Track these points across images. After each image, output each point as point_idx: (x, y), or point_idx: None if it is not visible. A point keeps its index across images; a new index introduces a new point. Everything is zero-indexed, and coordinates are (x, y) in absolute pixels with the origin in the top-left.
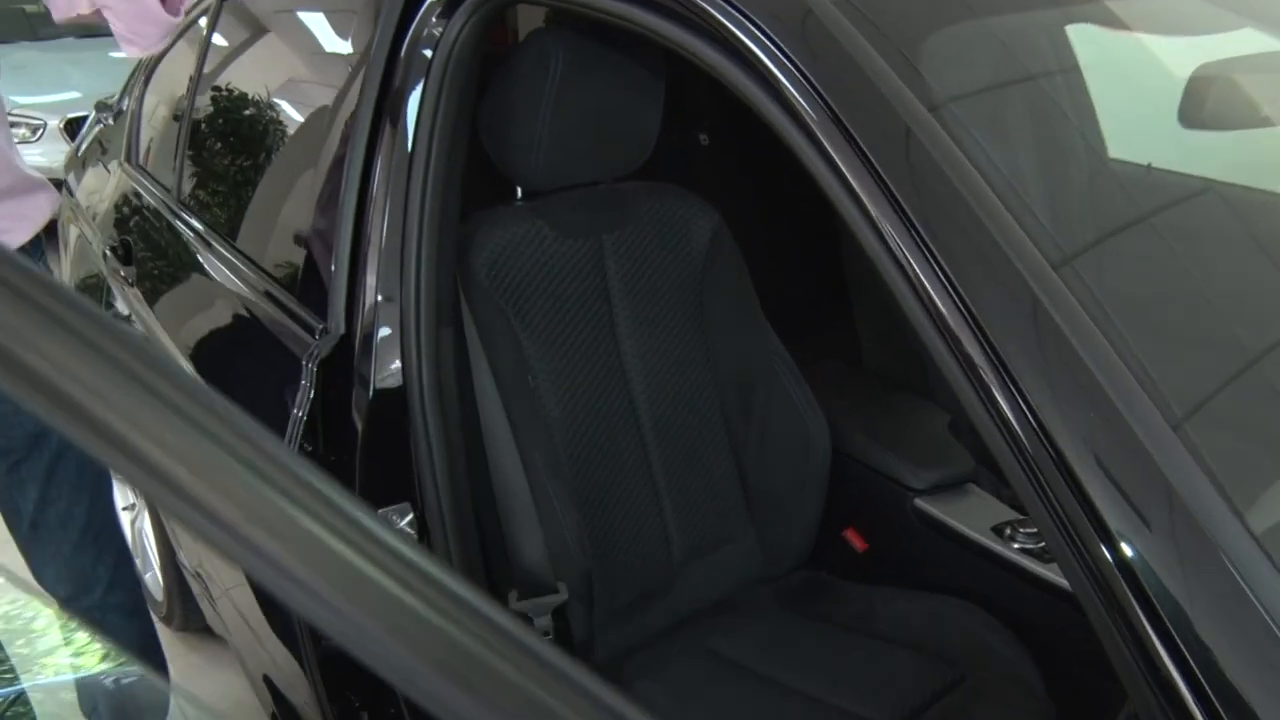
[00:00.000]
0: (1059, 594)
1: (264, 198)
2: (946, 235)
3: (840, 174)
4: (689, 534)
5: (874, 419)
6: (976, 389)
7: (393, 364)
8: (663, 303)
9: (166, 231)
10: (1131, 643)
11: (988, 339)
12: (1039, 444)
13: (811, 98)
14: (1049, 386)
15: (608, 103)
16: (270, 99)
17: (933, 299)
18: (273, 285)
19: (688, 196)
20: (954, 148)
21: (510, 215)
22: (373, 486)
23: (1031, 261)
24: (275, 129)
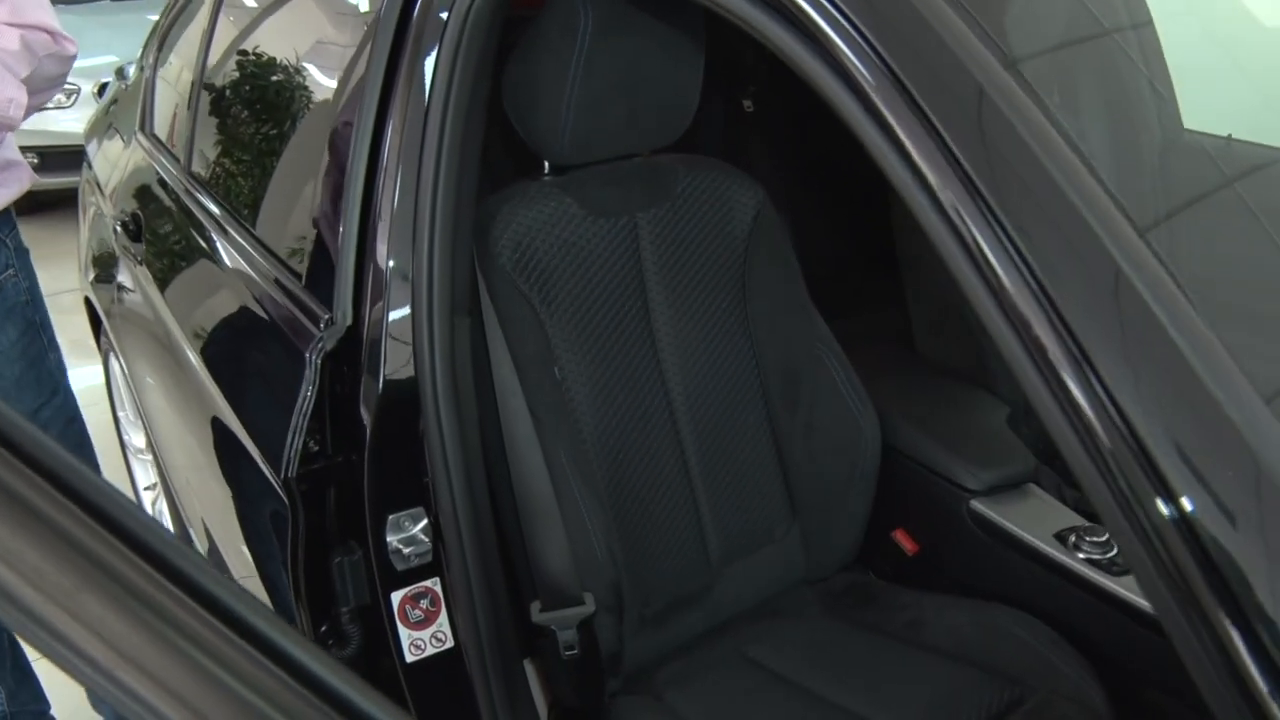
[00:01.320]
0: (1128, 610)
1: (270, 175)
2: (1023, 211)
3: (896, 140)
4: (727, 534)
5: (927, 411)
6: (1047, 378)
7: (404, 356)
8: (702, 286)
9: (175, 208)
10: (1221, 664)
11: (1064, 322)
12: (1119, 439)
13: (865, 55)
14: (1132, 374)
15: (643, 68)
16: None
17: (999, 278)
18: (279, 269)
19: (730, 170)
20: (1034, 110)
21: (536, 192)
22: (382, 490)
23: (1121, 237)
24: (288, 99)
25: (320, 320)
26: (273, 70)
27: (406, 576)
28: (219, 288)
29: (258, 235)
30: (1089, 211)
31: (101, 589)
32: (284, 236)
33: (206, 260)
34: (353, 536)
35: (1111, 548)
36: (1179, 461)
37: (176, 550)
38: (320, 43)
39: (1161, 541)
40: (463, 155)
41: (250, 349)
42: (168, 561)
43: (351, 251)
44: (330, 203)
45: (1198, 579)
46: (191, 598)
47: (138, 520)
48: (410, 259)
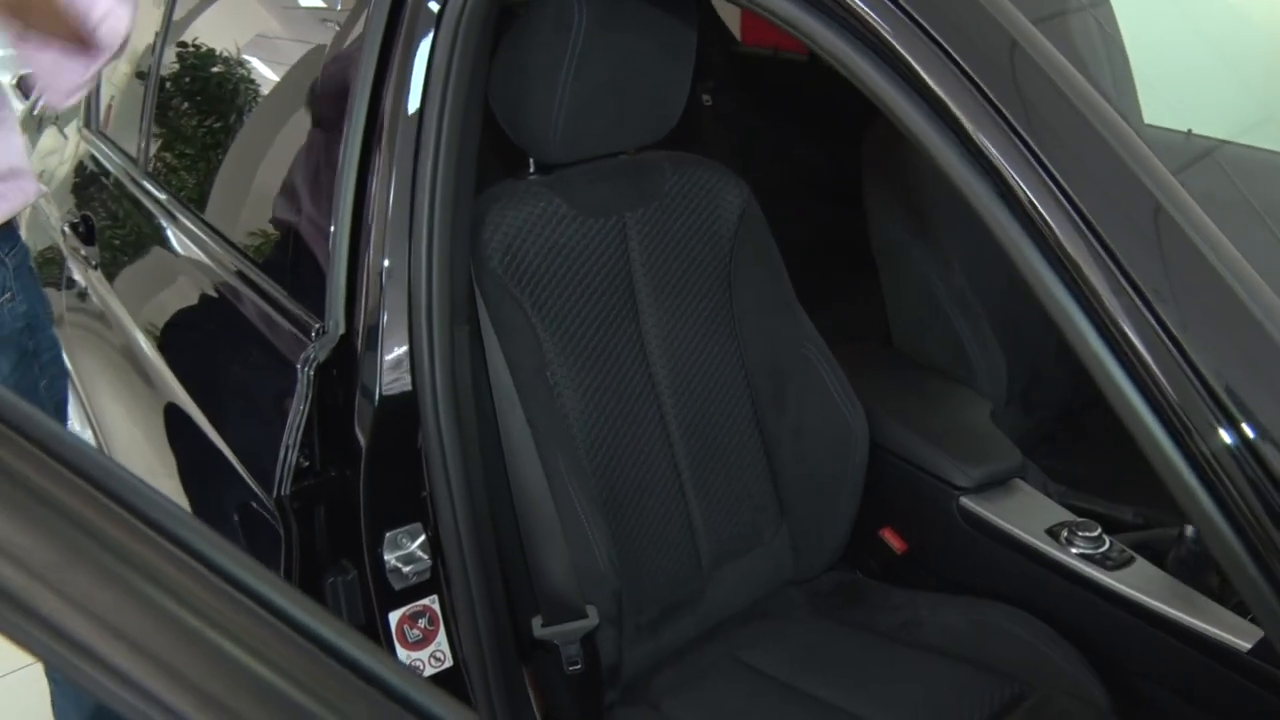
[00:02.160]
0: (1123, 604)
1: (245, 176)
2: (1067, 156)
3: (933, 96)
4: (718, 538)
5: (912, 409)
6: (1101, 320)
7: (402, 367)
8: (689, 286)
9: (134, 210)
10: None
11: (1115, 260)
12: (1178, 373)
13: (898, 19)
14: (1181, 306)
15: (636, 63)
16: (243, 56)
17: (1049, 225)
18: (261, 276)
19: (715, 167)
20: (1065, 62)
21: (524, 191)
22: (379, 506)
23: (1157, 175)
24: (264, 95)
25: (310, 330)
26: (244, 65)
27: (404, 595)
28: (192, 294)
29: (233, 240)
30: (1125, 151)
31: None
32: (265, 242)
33: (175, 266)
34: (346, 555)
35: (1104, 543)
36: (1235, 392)
37: (181, 521)
38: (297, 36)
39: (1222, 472)
40: (461, 153)
41: (232, 360)
42: (167, 529)
43: (343, 257)
44: (316, 206)
45: (1258, 506)
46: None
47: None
48: (407, 264)
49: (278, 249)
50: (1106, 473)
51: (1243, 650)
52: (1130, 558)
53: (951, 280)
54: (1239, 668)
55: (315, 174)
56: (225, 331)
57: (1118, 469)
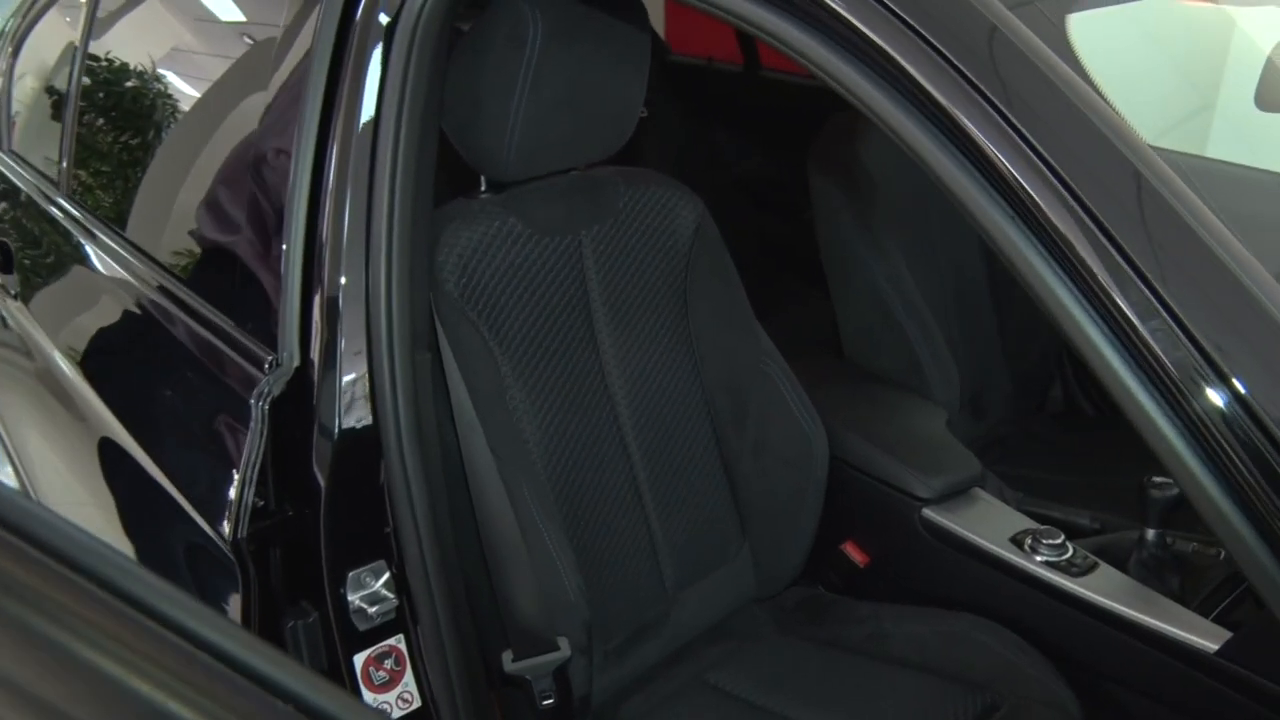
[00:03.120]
0: (1088, 610)
1: (179, 201)
2: (1042, 123)
3: (916, 85)
4: (681, 559)
5: (869, 421)
6: (1093, 297)
7: (362, 399)
8: (646, 303)
9: (49, 229)
10: None
11: (1103, 229)
12: (1173, 339)
13: (879, 13)
14: (1167, 274)
15: (592, 76)
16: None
17: (1037, 204)
18: (202, 304)
19: (670, 182)
20: (1036, 39)
21: (478, 211)
22: (340, 544)
23: (1131, 141)
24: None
25: (263, 363)
26: (161, 80)
27: (369, 636)
28: (119, 318)
29: (162, 261)
30: (1103, 124)
31: None
32: (206, 270)
33: (108, 296)
34: (306, 597)
35: (1067, 549)
36: (1227, 351)
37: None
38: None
39: (1213, 431)
40: (419, 167)
41: (172, 392)
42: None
43: (296, 286)
44: (262, 232)
45: (1249, 461)
46: None
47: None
48: (364, 290)
49: (219, 274)
50: (1059, 477)
51: (1209, 651)
52: (1094, 563)
53: (903, 289)
54: (1207, 669)
55: (258, 193)
56: (162, 361)
57: (1069, 473)
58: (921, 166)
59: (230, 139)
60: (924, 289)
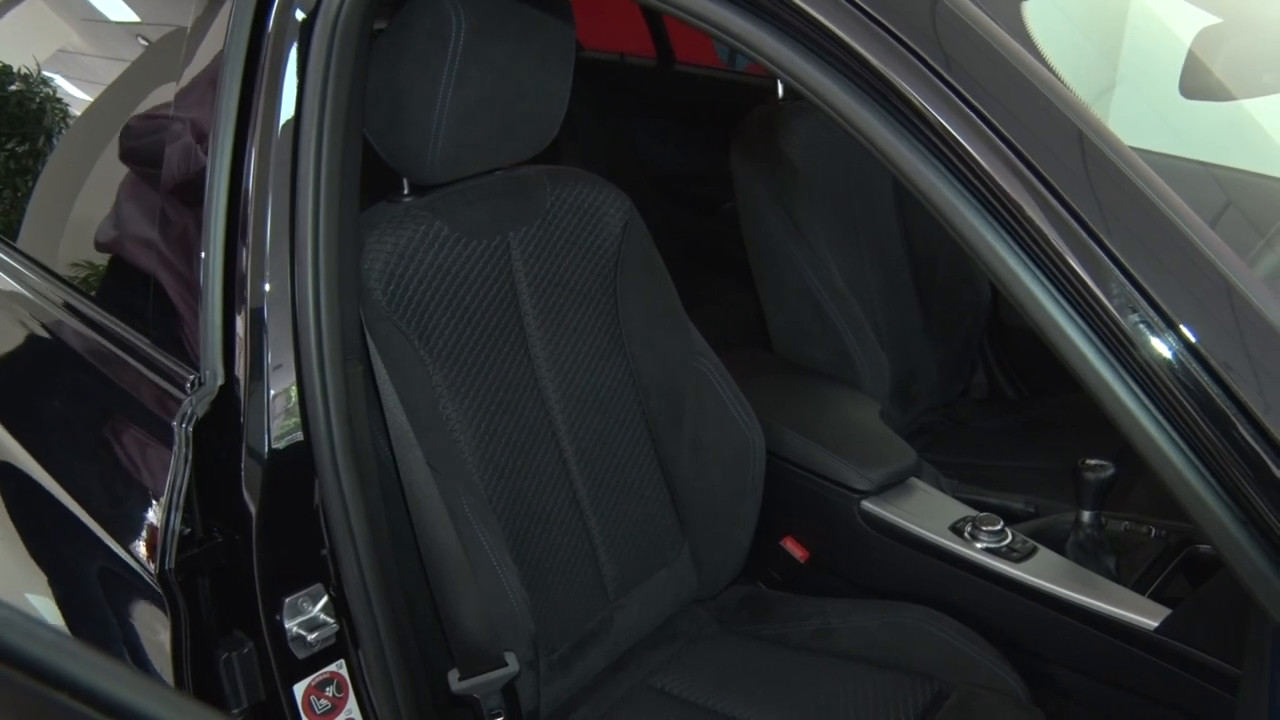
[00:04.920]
0: (1030, 594)
1: (75, 201)
2: (993, 94)
3: (858, 57)
4: (622, 564)
5: (804, 415)
6: (1043, 257)
7: (292, 416)
8: (576, 305)
9: None
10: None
11: (1056, 193)
12: (1122, 293)
13: None
14: (1112, 230)
15: (517, 73)
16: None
17: (984, 169)
18: (112, 320)
19: (596, 180)
20: (983, 15)
21: (402, 215)
22: (275, 569)
23: (1071, 102)
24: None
25: (184, 383)
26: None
27: (309, 664)
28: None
29: (73, 283)
30: (1046, 88)
31: None
32: (115, 284)
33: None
34: (239, 627)
35: (1006, 535)
36: (1175, 301)
37: None
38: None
39: (1164, 379)
40: (344, 166)
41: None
42: None
43: (217, 298)
44: (175, 241)
45: (1197, 407)
46: None
47: None
48: (290, 302)
49: (129, 288)
50: (991, 462)
51: (1149, 629)
52: (1033, 548)
53: (830, 281)
54: (1147, 646)
55: (170, 199)
56: (70, 383)
57: (1000, 457)
58: (864, 143)
59: (135, 142)
60: (850, 280)
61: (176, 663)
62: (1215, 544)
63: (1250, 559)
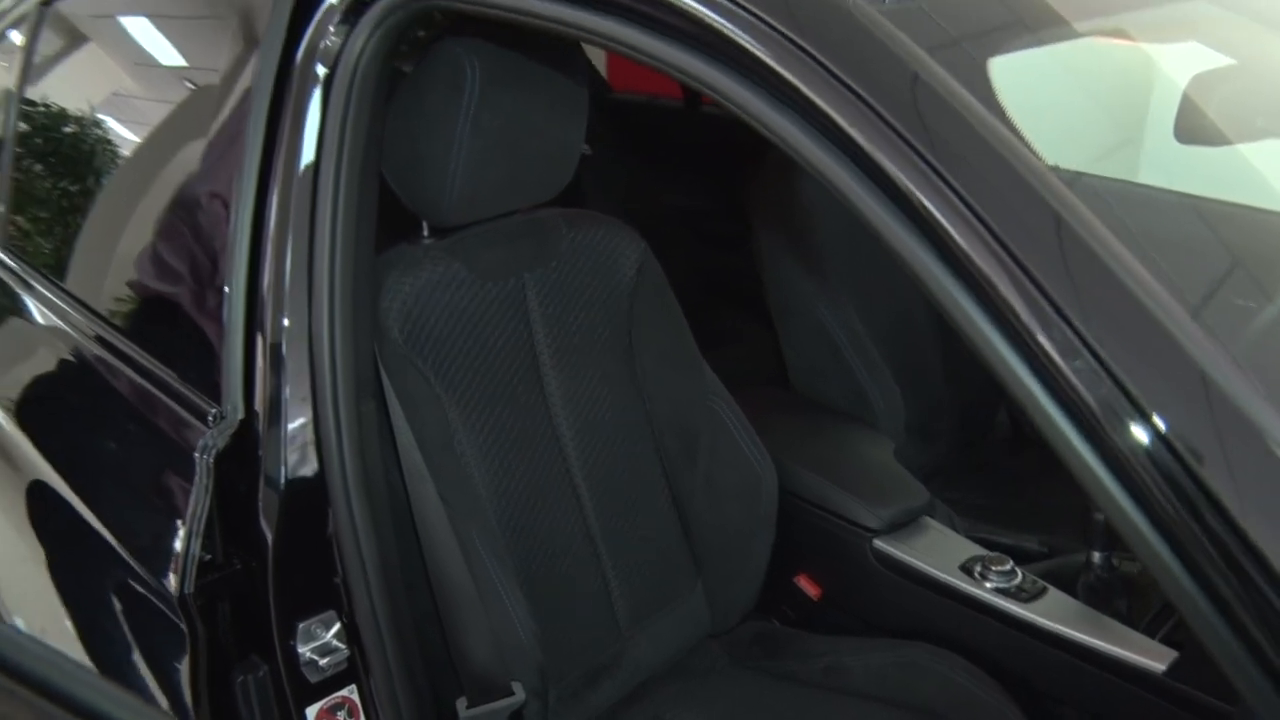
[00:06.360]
0: (1039, 635)
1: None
2: (967, 170)
3: (833, 126)
4: (634, 598)
5: (818, 453)
6: (1015, 334)
7: (309, 450)
8: (591, 345)
9: None
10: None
11: (1025, 271)
12: (1095, 378)
13: (789, 52)
14: (1088, 314)
15: (530, 120)
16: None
17: (955, 240)
18: (143, 355)
19: (611, 223)
20: (957, 85)
21: (421, 257)
22: (289, 596)
23: (1050, 184)
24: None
25: (206, 415)
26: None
27: (321, 688)
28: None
29: (110, 319)
30: (1024, 168)
31: None
32: (147, 320)
33: (45, 348)
34: (256, 650)
35: (1016, 575)
36: (1147, 389)
37: None
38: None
39: (1140, 467)
40: (360, 209)
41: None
42: None
43: (239, 331)
44: (202, 280)
45: (1174, 498)
46: None
47: None
48: (307, 340)
49: (159, 324)
50: (1007, 502)
51: (1158, 672)
52: (1043, 588)
53: (846, 320)
54: (1156, 689)
55: (198, 240)
56: (104, 415)
57: (1016, 497)
58: (849, 208)
59: (169, 184)
60: (867, 319)
61: (194, 684)
62: (1193, 627)
63: (1226, 646)
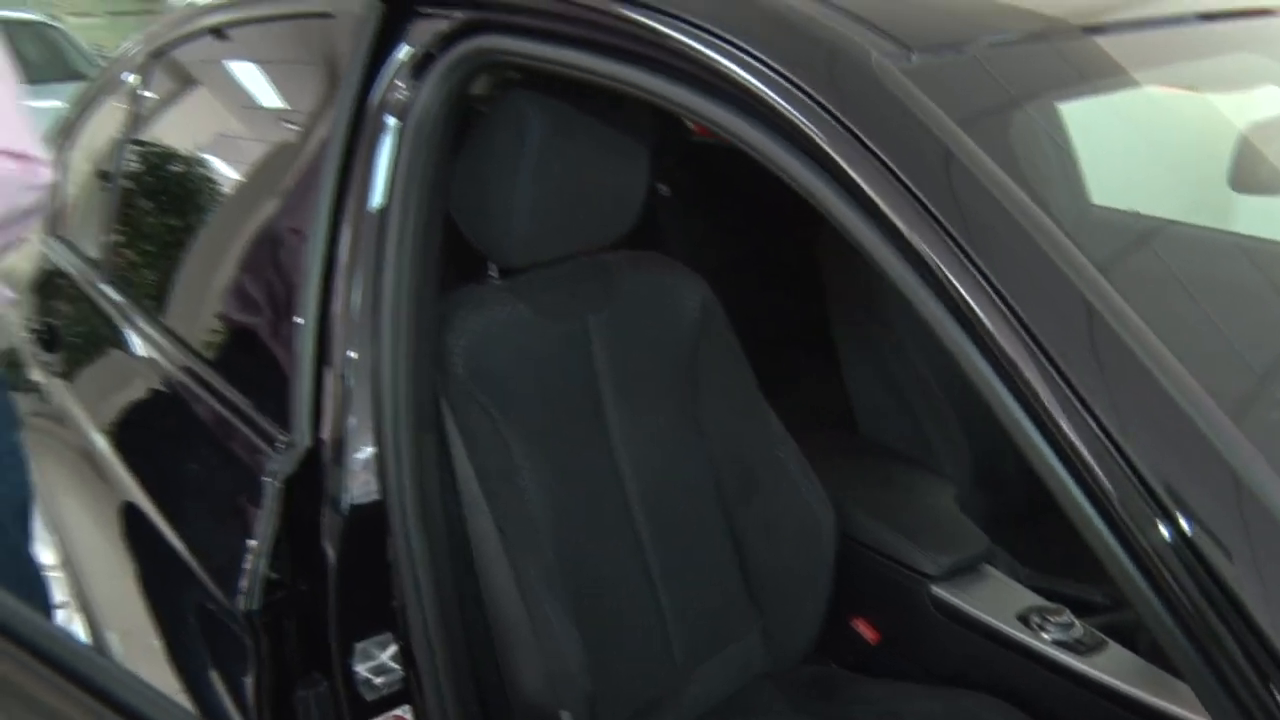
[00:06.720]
0: (1095, 688)
1: (205, 284)
2: (996, 252)
3: (865, 197)
4: (691, 635)
5: (879, 497)
6: (1038, 418)
7: (370, 478)
8: (653, 385)
9: (97, 318)
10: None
11: (1050, 358)
12: (1115, 469)
13: (839, 133)
14: (1116, 404)
15: (591, 169)
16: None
17: (984, 323)
18: (222, 383)
19: (673, 265)
20: (992, 164)
21: (487, 297)
22: (348, 617)
23: (1084, 272)
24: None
25: (275, 441)
26: (204, 164)
27: (376, 706)
28: (155, 403)
29: (190, 343)
30: (1056, 253)
31: None
32: (222, 345)
33: (138, 376)
34: (316, 667)
35: (1074, 627)
36: (1170, 488)
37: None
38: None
39: (1165, 567)
40: (425, 250)
41: (194, 468)
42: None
43: (308, 368)
44: (277, 312)
45: (1199, 598)
46: None
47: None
48: (371, 373)
49: (238, 354)
50: (1072, 553)
51: None
52: (1102, 642)
53: (910, 365)
54: None
55: (275, 277)
56: (186, 439)
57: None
58: (889, 281)
59: (255, 222)
60: (932, 365)
61: (258, 697)
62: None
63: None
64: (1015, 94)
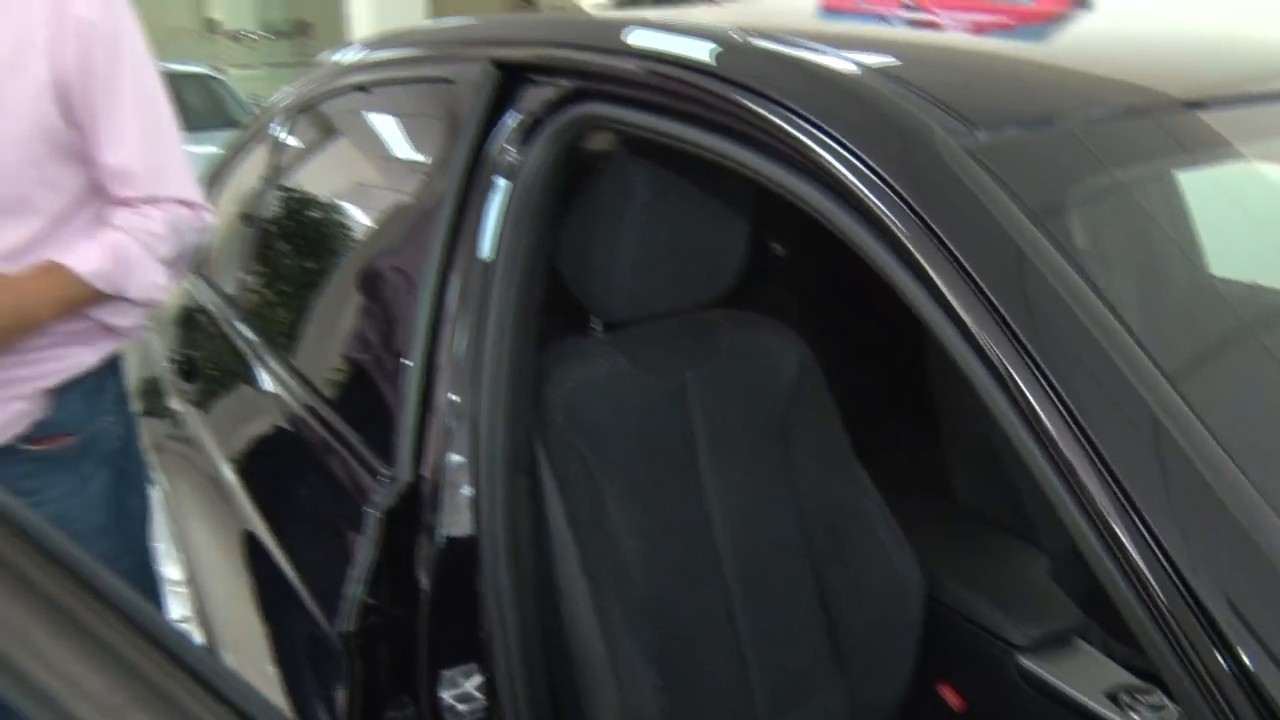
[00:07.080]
0: None
1: (329, 325)
2: (1061, 358)
3: (943, 298)
4: (774, 690)
5: (970, 564)
6: (1095, 524)
7: (465, 515)
8: (747, 441)
9: (230, 353)
10: None
11: (1106, 465)
12: (1170, 586)
13: (908, 218)
14: (1176, 519)
15: (691, 231)
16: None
17: (1044, 424)
18: (339, 420)
19: (773, 325)
20: (1066, 266)
21: (589, 349)
22: (437, 644)
23: (1152, 383)
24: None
25: (379, 475)
26: (340, 211)
27: None
28: (276, 436)
29: (316, 386)
30: (1122, 360)
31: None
32: (343, 389)
33: (264, 409)
34: (405, 691)
35: (1166, 709)
36: (1232, 614)
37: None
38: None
39: (1222, 694)
40: (525, 310)
41: (306, 497)
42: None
43: (413, 407)
44: (389, 354)
45: None
46: None
47: (189, 650)
48: (471, 416)
49: (351, 391)
50: None
51: None
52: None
53: None
54: None
55: (389, 320)
56: (300, 468)
57: None
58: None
59: (374, 267)
60: None
61: (351, 715)
62: None
63: None
64: (1086, 171)
